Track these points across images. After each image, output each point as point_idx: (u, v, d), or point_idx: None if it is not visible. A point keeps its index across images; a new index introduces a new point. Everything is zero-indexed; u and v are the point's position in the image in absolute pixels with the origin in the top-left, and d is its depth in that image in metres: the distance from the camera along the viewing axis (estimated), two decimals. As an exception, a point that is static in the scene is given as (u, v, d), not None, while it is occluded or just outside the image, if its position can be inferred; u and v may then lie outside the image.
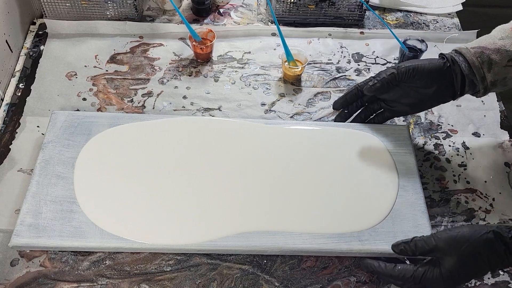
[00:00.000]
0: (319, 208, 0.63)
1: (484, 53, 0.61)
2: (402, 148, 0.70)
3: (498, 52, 0.61)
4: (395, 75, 0.65)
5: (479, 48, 0.62)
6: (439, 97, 0.66)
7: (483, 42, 0.63)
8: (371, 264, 0.59)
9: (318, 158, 0.68)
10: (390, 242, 0.60)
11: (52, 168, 0.64)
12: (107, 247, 0.59)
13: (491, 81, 0.62)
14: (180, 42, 0.86)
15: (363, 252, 0.60)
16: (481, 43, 0.63)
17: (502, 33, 0.62)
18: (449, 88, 0.64)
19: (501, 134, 0.77)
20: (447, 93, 0.65)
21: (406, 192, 0.65)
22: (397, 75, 0.65)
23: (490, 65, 0.61)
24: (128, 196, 0.63)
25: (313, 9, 0.89)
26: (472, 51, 0.62)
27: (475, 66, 0.61)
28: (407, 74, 0.64)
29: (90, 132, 0.68)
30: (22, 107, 0.74)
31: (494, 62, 0.61)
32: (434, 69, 0.64)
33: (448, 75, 0.63)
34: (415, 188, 0.66)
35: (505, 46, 0.61)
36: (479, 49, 0.62)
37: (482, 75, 0.61)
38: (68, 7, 0.84)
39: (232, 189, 0.64)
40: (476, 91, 0.64)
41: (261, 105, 0.78)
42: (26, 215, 0.60)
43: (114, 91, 0.78)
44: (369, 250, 0.60)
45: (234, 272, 0.60)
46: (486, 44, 0.62)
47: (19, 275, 0.58)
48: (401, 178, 0.67)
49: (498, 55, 0.61)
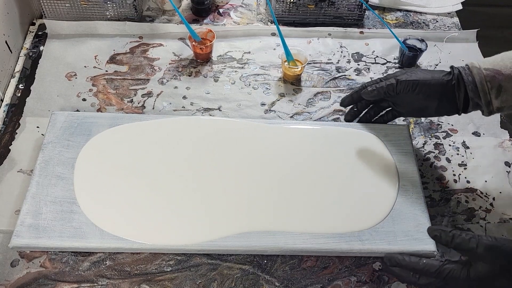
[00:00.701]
0: (319, 207, 0.63)
1: (496, 78, 0.58)
2: (403, 148, 0.70)
3: (511, 80, 0.57)
4: (394, 86, 0.64)
5: (492, 71, 0.58)
6: (442, 111, 0.64)
7: (499, 64, 0.59)
8: (395, 257, 0.57)
9: (318, 158, 0.68)
10: (390, 242, 0.60)
11: (52, 168, 0.64)
12: (108, 248, 0.59)
13: (497, 107, 0.59)
14: (180, 42, 0.85)
15: (363, 252, 0.60)
16: (496, 65, 0.59)
17: None
18: (452, 105, 0.62)
19: (501, 134, 0.77)
20: (449, 109, 0.63)
21: (406, 191, 0.65)
22: (395, 87, 0.64)
23: (499, 92, 0.58)
24: (128, 196, 0.63)
25: (312, 9, 0.89)
26: (484, 73, 0.58)
27: (483, 91, 0.58)
28: (407, 88, 0.63)
29: (90, 132, 0.68)
30: (22, 108, 0.74)
31: (504, 90, 0.58)
32: (437, 85, 0.62)
33: (450, 93, 0.61)
34: (416, 188, 0.66)
35: None
36: (491, 72, 0.58)
37: (488, 100, 0.59)
38: (67, 8, 0.84)
39: (233, 189, 0.64)
40: (481, 110, 0.61)
41: (261, 105, 0.78)
42: (26, 216, 0.60)
43: (114, 92, 0.77)
44: (369, 250, 0.60)
45: (234, 272, 0.60)
46: (501, 68, 0.58)
47: (20, 275, 0.58)
48: (402, 177, 0.67)
49: (510, 83, 0.57)
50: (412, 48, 0.82)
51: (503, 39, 1.17)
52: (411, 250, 0.60)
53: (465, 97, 0.61)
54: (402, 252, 0.59)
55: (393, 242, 0.60)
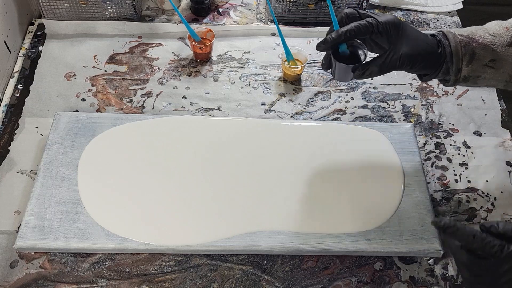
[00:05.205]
0: (324, 207, 0.63)
1: (470, 44, 0.56)
2: (408, 147, 0.70)
3: (484, 49, 0.56)
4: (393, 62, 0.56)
5: (467, 37, 0.56)
6: (421, 66, 0.57)
7: (473, 33, 0.57)
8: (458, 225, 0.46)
9: (324, 157, 0.68)
10: (396, 241, 0.60)
11: (56, 169, 0.64)
12: (113, 248, 0.59)
13: (464, 75, 0.57)
14: (179, 42, 0.85)
15: (369, 252, 0.60)
16: (470, 33, 0.57)
17: (496, 29, 0.57)
18: (432, 65, 0.57)
19: (502, 133, 0.77)
20: (429, 67, 0.57)
21: (411, 190, 0.65)
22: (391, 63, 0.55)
23: (471, 59, 0.56)
24: (133, 197, 0.63)
25: (312, 8, 0.89)
26: (459, 38, 0.56)
27: (457, 55, 0.56)
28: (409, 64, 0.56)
29: (93, 133, 0.68)
30: (21, 108, 0.74)
31: (476, 57, 0.56)
32: (431, 55, 0.57)
33: (438, 59, 0.57)
34: (421, 187, 0.66)
35: (494, 44, 0.56)
36: (466, 38, 0.56)
37: (460, 66, 0.56)
38: (66, 8, 0.84)
39: (237, 189, 0.64)
40: (446, 79, 0.59)
41: (261, 104, 0.78)
42: (31, 217, 0.60)
43: (113, 92, 0.77)
44: (375, 250, 0.60)
45: (234, 273, 0.60)
46: (476, 36, 0.57)
47: (19, 276, 0.58)
48: (407, 176, 0.67)
49: (483, 51, 0.56)
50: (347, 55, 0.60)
51: (504, 38, 1.17)
52: (417, 249, 0.60)
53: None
54: (408, 252, 0.58)
55: (399, 242, 0.60)
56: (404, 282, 0.61)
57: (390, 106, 0.79)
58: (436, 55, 0.57)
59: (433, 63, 0.57)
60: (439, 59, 0.57)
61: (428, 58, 0.57)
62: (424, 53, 0.56)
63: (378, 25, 0.54)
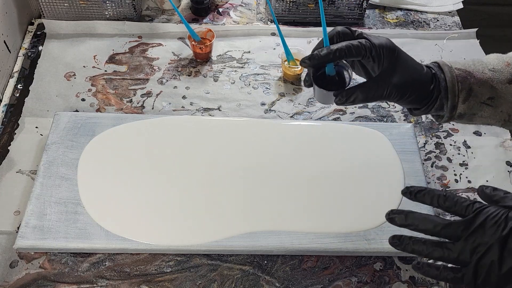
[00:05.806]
0: (324, 207, 0.63)
1: (467, 80, 0.51)
2: (408, 147, 0.70)
3: (483, 85, 0.51)
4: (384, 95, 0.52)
5: (464, 71, 0.52)
6: (413, 99, 0.53)
7: (471, 67, 0.52)
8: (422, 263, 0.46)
9: (324, 156, 0.68)
10: None
11: (56, 169, 0.64)
12: (113, 248, 0.59)
13: (460, 113, 0.52)
14: (179, 42, 0.85)
15: (369, 252, 0.60)
16: (468, 66, 0.52)
17: (496, 64, 0.53)
18: (423, 98, 0.53)
19: (502, 133, 0.77)
20: (419, 100, 0.53)
21: None
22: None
23: (467, 96, 0.52)
24: (133, 197, 0.63)
25: (312, 8, 0.89)
26: (456, 72, 0.52)
27: (452, 91, 0.51)
28: (397, 96, 0.52)
29: (93, 133, 0.68)
30: (21, 108, 0.74)
31: (473, 94, 0.51)
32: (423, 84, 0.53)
33: (430, 94, 0.53)
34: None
35: (493, 80, 0.51)
36: (464, 73, 0.52)
37: (455, 103, 0.52)
38: (66, 7, 0.84)
39: (237, 189, 0.64)
40: (439, 115, 0.55)
41: (261, 104, 0.78)
42: (31, 217, 0.60)
43: (113, 92, 0.77)
44: (375, 249, 0.60)
45: (234, 273, 0.60)
46: (473, 71, 0.52)
47: (18, 276, 0.58)
48: (407, 176, 0.67)
49: (481, 88, 0.51)
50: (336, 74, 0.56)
51: (504, 38, 1.17)
52: None
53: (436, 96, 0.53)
54: None
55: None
56: (404, 282, 0.61)
57: (390, 106, 0.79)
58: (428, 90, 0.52)
59: (424, 98, 0.53)
60: (431, 94, 0.52)
61: (419, 91, 0.52)
62: (416, 85, 0.52)
63: (372, 49, 0.50)
